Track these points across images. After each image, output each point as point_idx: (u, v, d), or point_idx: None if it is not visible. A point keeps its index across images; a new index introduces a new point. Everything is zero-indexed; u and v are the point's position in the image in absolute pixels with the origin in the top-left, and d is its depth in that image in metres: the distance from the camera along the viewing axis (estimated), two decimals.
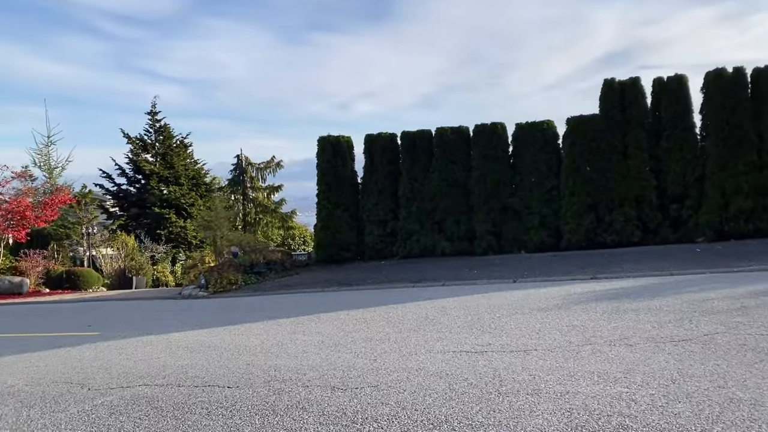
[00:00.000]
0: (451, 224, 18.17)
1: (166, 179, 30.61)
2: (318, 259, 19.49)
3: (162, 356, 7.57)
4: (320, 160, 19.42)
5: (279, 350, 7.27)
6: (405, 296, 11.53)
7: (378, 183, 18.99)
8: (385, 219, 18.94)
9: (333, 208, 19.14)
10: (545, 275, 12.65)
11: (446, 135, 18.28)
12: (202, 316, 11.43)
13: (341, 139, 19.39)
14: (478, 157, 17.99)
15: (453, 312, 8.96)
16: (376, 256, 19.00)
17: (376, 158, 19.05)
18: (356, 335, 7.75)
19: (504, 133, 18.11)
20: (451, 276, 13.71)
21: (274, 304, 12.33)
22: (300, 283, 15.30)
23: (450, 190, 18.17)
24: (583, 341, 6.38)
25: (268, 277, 16.97)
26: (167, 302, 15.06)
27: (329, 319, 9.31)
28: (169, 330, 9.80)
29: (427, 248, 18.25)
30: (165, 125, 31.89)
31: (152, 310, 13.25)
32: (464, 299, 10.28)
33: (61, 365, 7.59)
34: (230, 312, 11.65)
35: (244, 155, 34.28)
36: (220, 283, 15.70)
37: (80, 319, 12.56)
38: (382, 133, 19.07)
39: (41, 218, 20.94)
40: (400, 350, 6.63)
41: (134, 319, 11.86)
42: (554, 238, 17.60)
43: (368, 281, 14.30)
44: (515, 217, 17.82)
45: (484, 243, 17.73)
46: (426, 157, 18.56)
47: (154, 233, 28.85)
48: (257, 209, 34.49)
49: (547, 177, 17.65)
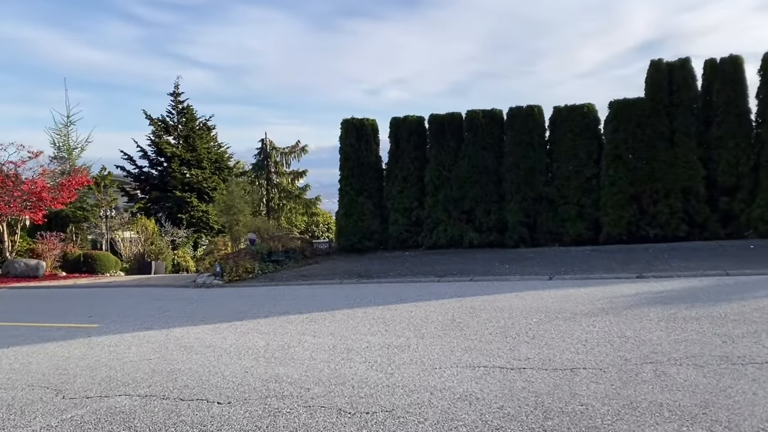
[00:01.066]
0: (480, 214, 17.07)
1: (188, 162, 29.97)
2: (339, 248, 18.59)
3: (155, 357, 6.74)
4: (343, 144, 18.45)
5: (284, 355, 6.37)
6: (429, 292, 10.55)
7: (403, 169, 17.96)
8: (410, 207, 17.92)
9: (356, 195, 18.18)
10: (585, 272, 11.53)
11: (478, 118, 17.13)
12: (210, 307, 10.63)
13: (365, 122, 18.37)
14: (512, 143, 16.81)
15: (483, 314, 7.95)
16: (400, 246, 18.02)
17: (402, 143, 18.00)
18: (372, 339, 6.80)
19: (540, 116, 16.88)
20: (481, 270, 12.67)
21: (288, 296, 11.47)
22: (318, 274, 14.42)
23: (480, 177, 17.05)
24: (641, 358, 5.33)
25: (286, 266, 16.14)
26: (179, 291, 14.33)
27: (344, 318, 8.38)
28: (171, 324, 9.00)
29: (455, 239, 17.20)
30: (188, 107, 31.18)
31: (161, 299, 12.51)
32: (495, 298, 9.25)
33: (45, 363, 6.83)
34: (241, 304, 10.83)
35: (268, 139, 33.55)
36: (235, 272, 14.91)
37: (85, 307, 11.89)
38: (409, 115, 17.99)
39: (58, 200, 20.41)
40: (422, 362, 5.67)
41: (140, 309, 11.13)
42: (592, 230, 16.39)
43: (390, 274, 13.35)
44: (550, 207, 16.64)
45: (516, 235, 16.61)
46: (455, 142, 17.45)
47: (175, 217, 28.29)
48: (281, 195, 33.79)
49: (586, 165, 16.40)
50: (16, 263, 20.31)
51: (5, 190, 19.45)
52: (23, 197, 19.90)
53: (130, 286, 16.18)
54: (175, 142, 30.99)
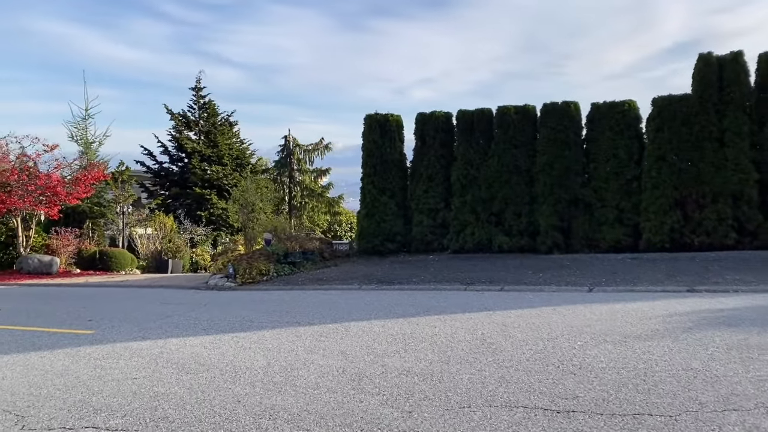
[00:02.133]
0: (510, 217, 16.01)
1: (208, 158, 29.36)
2: (360, 250, 17.70)
3: (141, 376, 5.89)
4: (366, 141, 17.54)
5: (285, 379, 5.46)
6: (455, 303, 9.57)
7: (429, 167, 16.98)
8: (435, 208, 16.93)
9: (378, 194, 17.26)
10: (628, 283, 10.42)
11: (509, 114, 16.07)
12: (217, 314, 9.80)
13: (390, 117, 17.43)
14: (546, 141, 15.71)
15: (517, 333, 6.94)
16: (424, 249, 17.05)
17: (428, 140, 17.03)
18: (389, 363, 5.85)
19: (577, 113, 15.76)
20: (512, 279, 11.63)
21: (301, 302, 10.60)
22: (336, 278, 13.53)
23: (511, 177, 15.99)
24: (720, 402, 4.29)
25: (304, 268, 15.30)
26: (189, 293, 13.57)
27: (359, 333, 7.45)
28: (170, 333, 8.17)
29: (482, 243, 16.17)
30: (210, 102, 30.57)
31: (169, 302, 11.75)
32: (530, 313, 8.23)
33: (19, 379, 6.03)
34: (249, 311, 9.98)
35: (291, 136, 32.82)
36: (249, 274, 14.11)
37: (88, 310, 11.17)
38: (436, 111, 17.01)
39: (73, 195, 19.89)
40: (447, 397, 4.70)
41: (143, 313, 10.36)
42: (631, 237, 15.21)
43: (413, 280, 12.39)
44: (586, 211, 15.51)
45: (549, 240, 15.51)
46: (485, 140, 16.41)
47: (195, 214, 27.71)
48: (303, 193, 33.04)
49: (626, 166, 15.23)
50: (29, 259, 19.85)
51: (19, 183, 18.98)
52: (38, 191, 19.40)
53: (141, 286, 15.50)
54: (195, 137, 30.42)
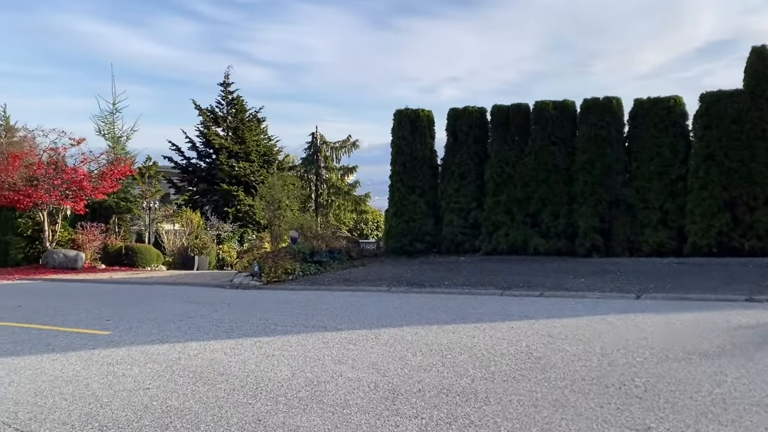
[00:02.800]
0: (547, 217, 15.26)
1: (236, 154, 29.09)
2: (387, 250, 17.12)
3: (154, 386, 5.41)
4: (395, 137, 16.94)
5: (311, 395, 4.92)
6: (492, 309, 8.93)
7: (461, 165, 16.31)
8: (467, 207, 16.26)
9: (407, 193, 16.65)
10: (679, 290, 9.66)
11: (547, 110, 15.31)
12: (240, 315, 9.33)
13: (420, 113, 16.81)
14: (586, 138, 14.93)
15: (567, 346, 6.29)
16: (455, 250, 16.39)
17: (461, 136, 16.36)
18: (426, 378, 5.26)
19: (620, 109, 14.94)
20: (551, 283, 10.94)
21: (328, 304, 10.07)
22: (364, 278, 12.99)
23: (548, 176, 15.24)
24: None
25: (330, 267, 14.79)
26: (214, 291, 13.17)
27: (390, 341, 6.87)
28: (190, 336, 7.71)
29: (517, 245, 15.45)
30: (238, 98, 30.31)
31: (192, 301, 11.34)
32: (577, 323, 7.55)
33: (27, 386, 5.60)
34: (274, 312, 9.49)
35: (319, 133, 32.50)
36: (274, 272, 13.65)
37: (108, 308, 10.81)
38: (469, 106, 16.32)
39: (99, 189, 19.73)
40: (496, 424, 4.09)
41: (165, 312, 9.95)
42: (676, 240, 14.35)
43: (444, 282, 11.77)
44: (628, 212, 14.69)
45: (588, 242, 14.73)
46: (520, 137, 15.69)
47: (222, 211, 27.46)
48: (330, 190, 32.67)
49: (671, 165, 14.37)
50: (55, 254, 19.74)
51: (46, 177, 18.85)
52: (64, 185, 19.26)
53: (164, 283, 15.16)
54: (223, 133, 30.19)
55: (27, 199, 18.64)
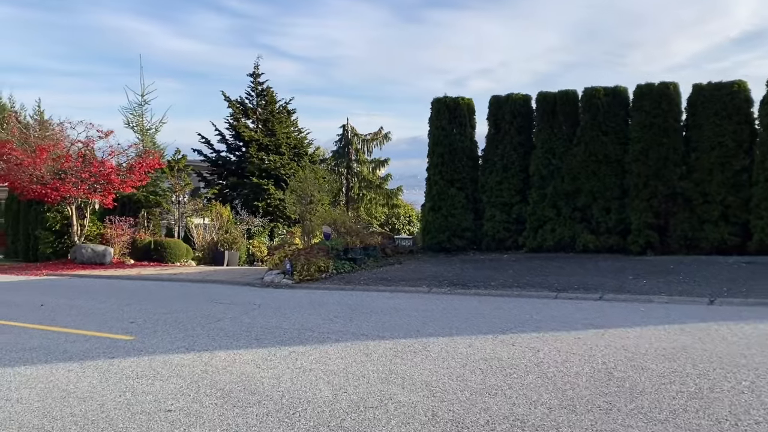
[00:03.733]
0: (597, 212, 14.25)
1: (266, 147, 28.48)
2: (424, 246, 16.30)
3: (176, 407, 4.70)
4: (433, 127, 16.07)
5: (357, 425, 4.15)
6: (551, 315, 8.05)
7: (504, 157, 15.37)
8: (510, 202, 15.32)
9: (446, 186, 15.77)
10: (758, 295, 8.63)
11: (598, 97, 14.27)
12: (272, 319, 8.62)
13: (460, 101, 15.89)
14: (640, 127, 13.85)
15: (650, 363, 5.40)
16: (497, 247, 15.49)
17: (503, 125, 15.41)
18: (493, 406, 4.44)
19: (677, 96, 13.83)
20: (610, 285, 9.98)
21: (366, 307, 9.31)
22: (401, 278, 12.19)
23: (599, 168, 14.22)
24: None
25: (365, 265, 14.03)
26: (244, 290, 12.53)
27: (442, 354, 6.06)
28: (218, 343, 7.02)
29: (564, 241, 14.48)
30: (268, 88, 29.64)
31: (220, 301, 10.69)
32: (652, 334, 6.63)
33: (35, 403, 4.96)
34: (309, 315, 8.76)
35: (350, 125, 31.74)
36: (307, 270, 12.94)
37: (134, 307, 10.23)
38: (513, 94, 15.36)
39: (127, 182, 19.29)
40: None
41: (192, 313, 9.31)
42: (739, 236, 13.23)
43: (491, 283, 10.90)
44: (686, 206, 13.60)
45: (642, 239, 13.69)
46: (568, 126, 14.68)
47: (251, 205, 26.92)
48: (361, 184, 31.91)
49: (734, 155, 13.23)
50: (83, 248, 19.39)
51: (74, 170, 18.47)
52: (92, 179, 18.87)
53: (193, 281, 14.60)
54: (253, 125, 29.61)
55: (55, 193, 18.28)
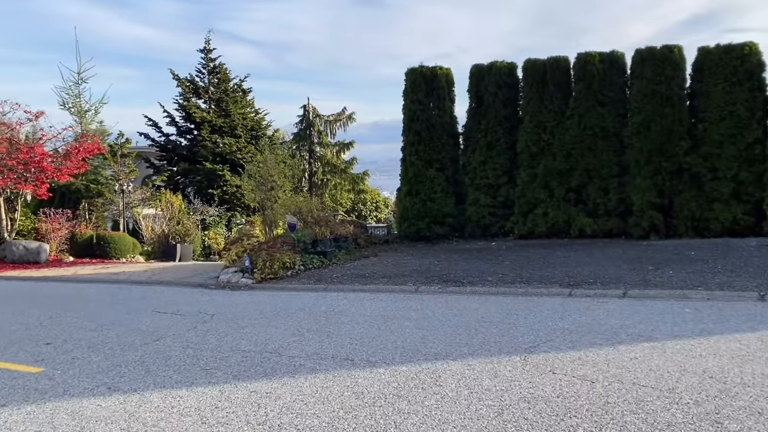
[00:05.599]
0: (594, 192, 12.81)
1: (220, 129, 26.18)
2: (401, 235, 14.64)
3: None
4: (408, 101, 14.32)
5: None
6: (578, 321, 6.47)
7: (488, 133, 13.77)
8: (496, 183, 13.76)
9: (424, 167, 14.09)
10: None
11: (592, 64, 12.75)
12: (227, 336, 6.83)
13: (438, 71, 14.17)
14: (641, 96, 12.41)
15: (759, 401, 3.84)
16: (482, 234, 13.93)
17: (487, 98, 13.78)
18: None
19: (681, 60, 12.42)
20: (630, 278, 8.47)
21: (344, 315, 7.60)
22: (381, 273, 10.49)
23: (595, 142, 12.76)
24: None
25: (336, 259, 12.28)
26: (195, 294, 10.64)
27: (462, 393, 4.39)
28: (152, 381, 5.21)
29: (558, 226, 13.02)
30: (220, 65, 27.19)
31: (165, 310, 8.82)
32: (726, 347, 5.09)
33: None
34: (273, 330, 7.00)
35: (311, 105, 29.65)
36: (269, 267, 11.12)
37: (55, 322, 8.27)
38: (497, 62, 13.73)
39: (63, 170, 17.00)
40: None
41: (125, 330, 7.44)
42: (753, 216, 11.98)
43: (488, 278, 9.29)
44: (693, 183, 12.27)
45: (645, 221, 12.31)
46: (561, 96, 13.15)
47: (206, 192, 24.74)
48: (325, 168, 29.95)
49: (746, 126, 11.93)
50: (14, 246, 17.03)
51: None
52: (20, 166, 16.51)
53: (137, 282, 12.61)
54: (205, 106, 27.20)
55: None
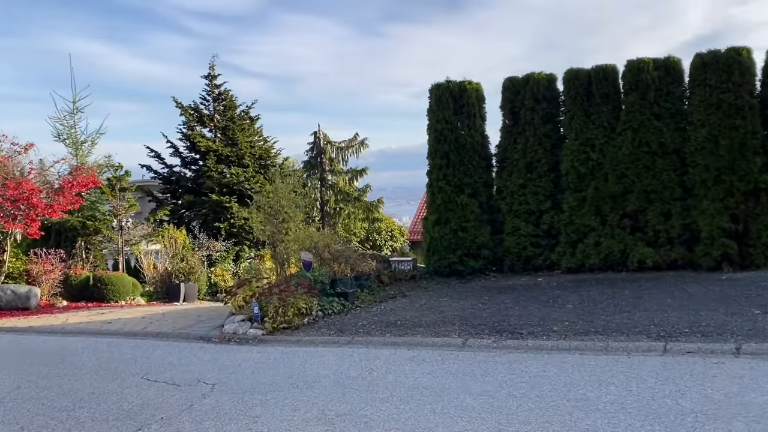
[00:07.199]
0: (654, 218, 11.11)
1: (226, 159, 24.77)
2: (429, 270, 12.98)
3: None
4: (434, 120, 12.77)
5: None
6: (704, 397, 4.78)
7: (526, 153, 12.16)
8: (538, 209, 12.10)
9: (454, 193, 12.46)
10: None
11: (646, 71, 11.17)
12: (231, 425, 5.18)
13: (467, 86, 12.63)
14: (703, 106, 10.80)
15: None
16: (523, 268, 12.23)
17: (524, 114, 12.21)
18: None
19: (751, 64, 10.83)
20: (734, 326, 6.76)
21: (381, 385, 5.95)
22: (416, 321, 8.81)
23: (653, 161, 11.11)
24: None
25: (359, 302, 10.63)
26: (194, 350, 9.00)
27: None
28: None
29: (612, 257, 11.31)
30: (226, 91, 25.86)
31: (155, 380, 7.18)
32: None
33: None
34: (293, 410, 5.37)
35: (322, 132, 28.37)
36: (282, 315, 9.48)
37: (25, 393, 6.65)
38: (534, 73, 12.19)
39: (55, 206, 15.55)
40: None
41: (101, 413, 5.84)
42: None
43: (550, 326, 7.60)
44: None
45: (717, 250, 10.58)
46: (609, 109, 11.55)
47: (211, 226, 23.21)
48: (337, 197, 28.49)
49: None
50: (2, 290, 15.48)
51: None
52: (7, 203, 15.06)
53: (130, 334, 10.99)
54: (211, 134, 25.84)
55: None
